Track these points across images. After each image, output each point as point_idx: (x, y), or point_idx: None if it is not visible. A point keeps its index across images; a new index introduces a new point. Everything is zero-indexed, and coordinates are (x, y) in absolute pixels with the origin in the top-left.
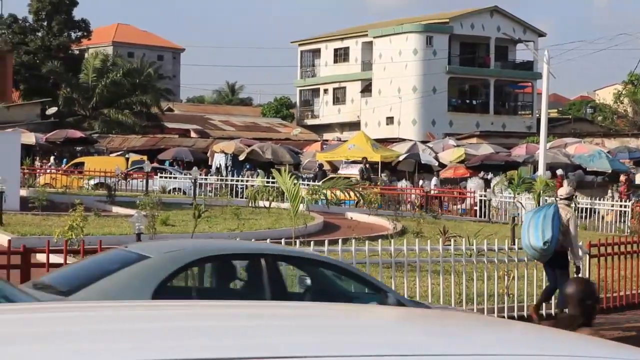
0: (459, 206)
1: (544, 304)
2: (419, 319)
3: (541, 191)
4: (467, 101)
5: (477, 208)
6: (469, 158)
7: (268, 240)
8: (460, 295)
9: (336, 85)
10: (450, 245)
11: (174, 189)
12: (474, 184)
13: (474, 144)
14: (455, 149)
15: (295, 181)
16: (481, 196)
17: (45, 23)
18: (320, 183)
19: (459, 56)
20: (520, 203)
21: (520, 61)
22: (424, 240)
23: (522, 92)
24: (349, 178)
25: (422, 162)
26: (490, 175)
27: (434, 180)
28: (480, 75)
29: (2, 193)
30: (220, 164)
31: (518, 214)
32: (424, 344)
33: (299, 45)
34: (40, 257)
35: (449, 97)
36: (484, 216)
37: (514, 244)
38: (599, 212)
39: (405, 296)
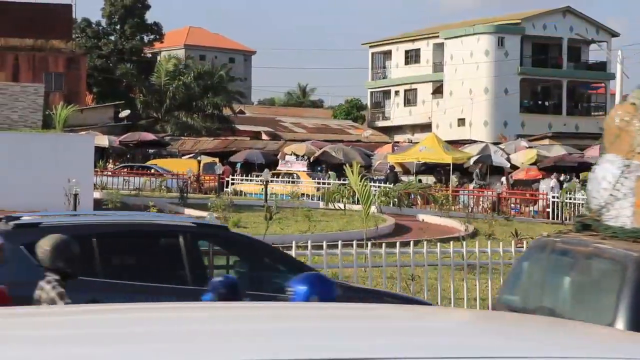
0: (531, 208)
1: None
2: (489, 321)
3: None
4: (540, 102)
5: (550, 210)
6: (541, 160)
7: (340, 242)
8: None
9: (407, 86)
10: (522, 247)
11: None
12: (546, 185)
13: (546, 145)
14: (527, 151)
15: (366, 183)
16: (554, 198)
17: (118, 27)
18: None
19: (531, 57)
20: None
21: (594, 62)
22: (496, 242)
23: (595, 93)
24: (292, 173)
25: (494, 163)
26: (563, 177)
27: (503, 181)
28: (552, 76)
29: (76, 195)
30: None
31: None
32: (501, 346)
33: (370, 47)
34: None
35: (521, 99)
36: (557, 218)
37: None
38: None
39: (477, 299)
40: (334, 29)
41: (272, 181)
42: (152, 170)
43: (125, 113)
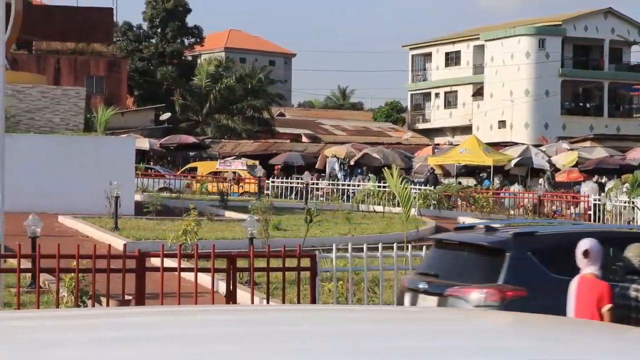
0: (572, 210)
1: None
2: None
3: None
4: (581, 104)
5: (591, 212)
6: (582, 162)
7: (380, 245)
8: None
9: (447, 89)
10: None
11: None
12: (587, 187)
13: (587, 147)
14: (568, 153)
15: (406, 185)
16: (595, 200)
17: (159, 30)
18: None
19: (572, 59)
20: (637, 207)
21: (635, 63)
22: None
23: (637, 95)
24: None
25: (535, 166)
26: (604, 179)
27: (542, 182)
28: (594, 77)
29: (117, 198)
30: (334, 169)
31: (634, 218)
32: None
33: (410, 49)
34: (155, 262)
35: (562, 100)
36: (598, 220)
37: None
38: None
39: None
40: (374, 31)
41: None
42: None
43: (166, 116)
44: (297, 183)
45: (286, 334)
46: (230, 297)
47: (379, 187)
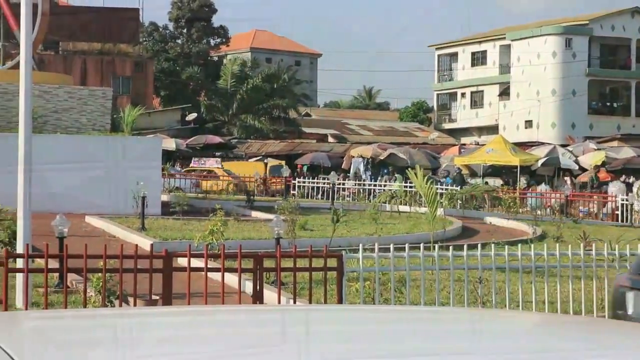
0: (599, 210)
1: None
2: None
3: None
4: (608, 104)
5: (619, 212)
6: (609, 162)
7: (407, 245)
8: (603, 301)
9: (474, 88)
10: (591, 250)
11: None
12: (615, 187)
13: (615, 147)
14: (595, 153)
15: (432, 185)
16: (623, 200)
17: (184, 30)
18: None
19: (599, 58)
20: None
21: None
22: (564, 245)
23: None
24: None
25: (562, 166)
26: (632, 179)
27: (567, 181)
28: (621, 77)
29: (144, 198)
30: (359, 169)
31: None
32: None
33: (436, 49)
34: (182, 262)
35: (589, 100)
36: (626, 221)
37: None
38: None
39: (546, 302)
40: (400, 31)
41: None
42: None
43: (192, 116)
44: (324, 183)
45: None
46: (257, 297)
47: (405, 187)
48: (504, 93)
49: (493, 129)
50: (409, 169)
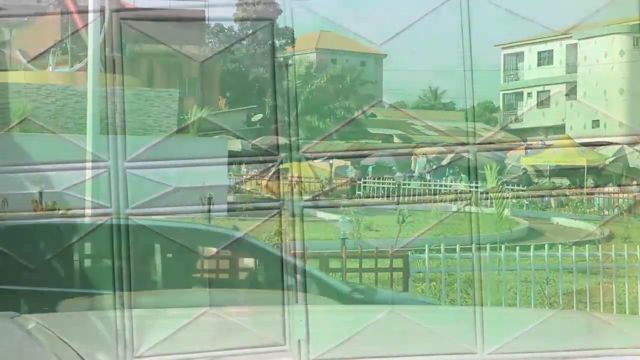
0: None
1: None
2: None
3: None
4: None
5: None
6: None
7: (473, 246)
8: None
9: (540, 88)
10: None
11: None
12: None
13: None
14: None
15: (500, 186)
16: None
17: (250, 31)
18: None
19: None
20: None
21: None
22: (633, 245)
23: None
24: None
25: (631, 165)
26: None
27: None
28: None
29: (210, 199)
30: (424, 169)
31: None
32: None
33: (502, 48)
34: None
35: None
36: None
37: None
38: None
39: (614, 303)
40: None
41: None
42: None
43: (257, 117)
44: (389, 183)
45: None
46: None
47: (470, 187)
48: (571, 92)
49: (559, 129)
50: (477, 169)
